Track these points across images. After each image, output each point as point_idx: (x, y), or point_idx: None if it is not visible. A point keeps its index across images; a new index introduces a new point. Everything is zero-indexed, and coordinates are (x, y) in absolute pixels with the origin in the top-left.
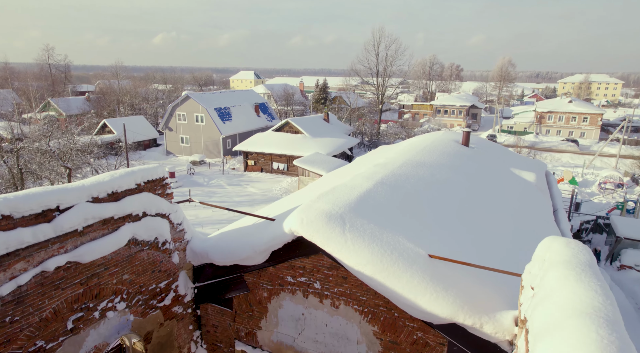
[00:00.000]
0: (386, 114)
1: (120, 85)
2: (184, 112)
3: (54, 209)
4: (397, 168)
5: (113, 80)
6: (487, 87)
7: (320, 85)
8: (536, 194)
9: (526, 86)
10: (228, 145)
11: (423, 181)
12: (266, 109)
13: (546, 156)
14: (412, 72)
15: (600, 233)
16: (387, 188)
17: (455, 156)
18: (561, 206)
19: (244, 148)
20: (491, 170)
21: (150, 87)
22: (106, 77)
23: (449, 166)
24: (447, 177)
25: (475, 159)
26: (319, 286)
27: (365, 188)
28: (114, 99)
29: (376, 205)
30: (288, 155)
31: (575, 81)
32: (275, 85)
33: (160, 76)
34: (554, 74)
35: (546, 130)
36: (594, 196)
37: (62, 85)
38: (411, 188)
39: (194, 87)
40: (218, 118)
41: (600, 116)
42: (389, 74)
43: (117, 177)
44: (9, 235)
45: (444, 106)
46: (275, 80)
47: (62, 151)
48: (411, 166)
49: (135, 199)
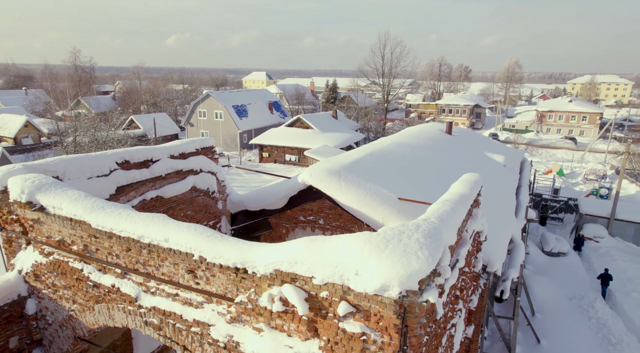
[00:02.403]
0: (394, 113)
1: (141, 85)
2: (205, 109)
3: (150, 160)
4: (385, 146)
5: (131, 80)
6: (494, 87)
7: (330, 85)
8: (503, 172)
9: (536, 87)
10: (244, 139)
11: (404, 155)
12: (279, 107)
13: (542, 152)
14: (420, 73)
15: (571, 213)
16: (374, 158)
17: (437, 140)
18: (526, 184)
19: (260, 141)
20: (466, 152)
21: (168, 87)
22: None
23: (429, 147)
24: (425, 154)
25: (454, 144)
26: (322, 222)
27: (357, 156)
28: (137, 98)
29: (363, 167)
30: (299, 148)
31: (584, 82)
32: (287, 85)
33: (177, 77)
34: (567, 75)
35: (547, 129)
36: (577, 186)
37: (87, 85)
38: (393, 159)
39: (210, 88)
40: (235, 115)
41: (600, 115)
42: (394, 74)
43: (185, 143)
44: (127, 173)
45: (448, 105)
46: (287, 81)
47: (104, 141)
48: (397, 146)
49: (196, 160)
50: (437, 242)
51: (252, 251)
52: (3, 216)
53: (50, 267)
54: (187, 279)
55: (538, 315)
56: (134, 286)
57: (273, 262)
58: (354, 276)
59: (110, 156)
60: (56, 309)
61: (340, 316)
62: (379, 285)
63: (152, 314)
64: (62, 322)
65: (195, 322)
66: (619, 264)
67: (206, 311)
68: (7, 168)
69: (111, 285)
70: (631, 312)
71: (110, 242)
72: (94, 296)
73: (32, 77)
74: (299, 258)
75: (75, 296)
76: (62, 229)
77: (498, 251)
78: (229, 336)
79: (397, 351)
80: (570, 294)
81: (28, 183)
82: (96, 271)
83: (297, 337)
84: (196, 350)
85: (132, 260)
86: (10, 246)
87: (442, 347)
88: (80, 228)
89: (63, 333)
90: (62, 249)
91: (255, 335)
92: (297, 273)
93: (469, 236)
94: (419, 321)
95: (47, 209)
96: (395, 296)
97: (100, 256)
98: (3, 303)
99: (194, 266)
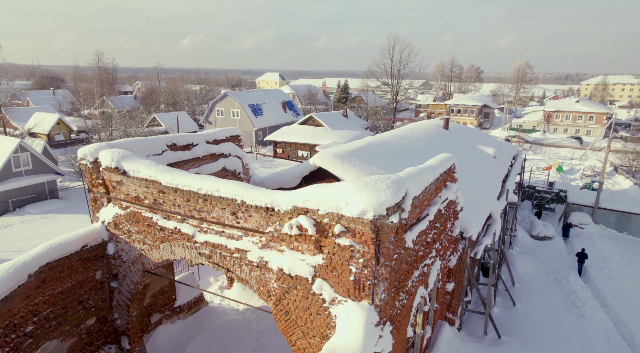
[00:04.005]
0: (404, 113)
1: (160, 85)
2: (222, 108)
3: (191, 144)
4: (385, 138)
5: (150, 81)
6: (505, 88)
7: (341, 86)
8: (492, 162)
9: (550, 87)
10: (259, 136)
11: (401, 145)
12: (292, 106)
13: (545, 150)
14: (431, 74)
15: (562, 204)
16: (374, 147)
17: (433, 134)
18: (514, 174)
19: (274, 138)
20: (460, 144)
21: (186, 87)
22: (141, 78)
23: (425, 139)
24: (420, 145)
25: (449, 137)
26: None
27: (359, 145)
28: (157, 97)
29: (364, 153)
30: (311, 144)
31: (598, 83)
32: (300, 85)
33: (194, 77)
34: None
35: (554, 128)
36: (574, 181)
37: (110, 85)
38: (391, 148)
39: (225, 88)
40: (251, 113)
41: (606, 115)
42: (403, 75)
43: (217, 131)
44: (175, 153)
45: (457, 105)
46: (299, 81)
47: (133, 136)
48: (395, 138)
49: (226, 145)
50: (400, 186)
51: (278, 195)
52: (92, 181)
53: (127, 217)
54: (231, 220)
55: (518, 285)
56: (191, 228)
57: (292, 201)
58: (345, 206)
59: (163, 139)
60: (130, 249)
61: (336, 234)
62: (360, 210)
63: (204, 247)
64: (134, 259)
65: (236, 250)
66: (598, 246)
67: (244, 242)
68: (96, 145)
69: (174, 228)
70: (600, 284)
71: (175, 195)
72: (160, 237)
73: (59, 78)
74: (309, 197)
75: (145, 239)
76: (138, 188)
77: (474, 221)
78: (260, 257)
79: (373, 257)
80: (549, 270)
81: (115, 154)
82: (162, 219)
83: (308, 254)
84: (236, 271)
85: (191, 208)
86: (95, 203)
87: (414, 277)
88: (153, 186)
89: (134, 268)
90: (137, 203)
91: (279, 255)
92: (308, 207)
93: (441, 201)
94: (388, 237)
95: (128, 173)
96: (371, 218)
97: (166, 207)
98: (91, 245)
99: (236, 209)
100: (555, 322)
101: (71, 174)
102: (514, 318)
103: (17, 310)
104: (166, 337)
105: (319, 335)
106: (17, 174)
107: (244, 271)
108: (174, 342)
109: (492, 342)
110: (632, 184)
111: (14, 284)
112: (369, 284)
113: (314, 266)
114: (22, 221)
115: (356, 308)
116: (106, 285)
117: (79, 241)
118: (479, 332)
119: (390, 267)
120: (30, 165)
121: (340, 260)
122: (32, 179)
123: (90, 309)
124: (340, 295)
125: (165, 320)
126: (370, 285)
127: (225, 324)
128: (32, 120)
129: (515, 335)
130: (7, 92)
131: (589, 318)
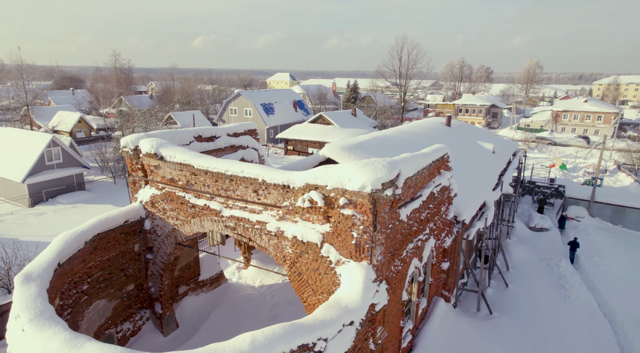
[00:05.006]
0: (413, 113)
1: (174, 85)
2: (236, 107)
3: (214, 136)
4: (388, 133)
5: (165, 81)
6: (514, 88)
7: (351, 86)
8: (490, 156)
9: (562, 87)
10: (271, 134)
11: (403, 140)
12: (302, 105)
13: (551, 149)
14: (441, 74)
15: (561, 198)
16: (378, 140)
17: (436, 130)
18: (512, 168)
19: (285, 135)
20: (461, 140)
21: (199, 87)
22: (155, 78)
23: (427, 135)
24: (422, 140)
25: (451, 134)
26: None
27: (364, 139)
28: (172, 97)
29: (369, 146)
30: (321, 141)
31: (610, 83)
32: (310, 86)
33: (207, 78)
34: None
35: (562, 128)
36: (576, 178)
37: (127, 85)
38: (393, 142)
39: (237, 88)
40: (263, 112)
41: (614, 115)
42: (411, 75)
43: (237, 125)
44: (200, 144)
45: (465, 105)
46: (310, 81)
47: None
48: (399, 133)
49: (244, 138)
50: (394, 166)
51: (293, 174)
52: (132, 166)
53: (162, 197)
54: (253, 197)
55: (512, 270)
56: (219, 204)
57: (304, 179)
58: (348, 182)
59: (190, 131)
60: (164, 225)
61: (341, 206)
62: (360, 185)
63: (229, 220)
64: (168, 233)
65: (257, 222)
66: (592, 237)
67: (264, 215)
68: (136, 135)
69: (203, 205)
70: (589, 270)
71: (205, 177)
72: (191, 213)
73: (77, 78)
74: (319, 175)
75: (178, 215)
76: (173, 171)
77: (468, 207)
78: (278, 228)
79: (371, 224)
80: (542, 257)
81: (154, 142)
82: (193, 197)
83: (318, 223)
84: (257, 240)
85: (218, 187)
86: (134, 186)
87: (409, 249)
88: (186, 169)
89: (168, 241)
90: (172, 184)
91: (293, 225)
92: (318, 184)
93: (435, 185)
94: (383, 208)
95: (165, 158)
96: (369, 191)
97: (197, 187)
98: (131, 221)
99: (258, 187)
100: (544, 301)
101: (95, 168)
102: (506, 297)
103: (77, 270)
104: (191, 307)
105: (326, 292)
106: (50, 167)
107: (264, 240)
108: (198, 311)
109: (484, 317)
110: (633, 181)
111: (75, 248)
112: (368, 247)
113: (323, 233)
114: (54, 210)
115: (357, 267)
116: (142, 256)
117: (122, 216)
118: (473, 309)
119: (385, 234)
120: (61, 159)
121: (344, 228)
122: (63, 171)
123: (130, 276)
124: (344, 257)
125: (190, 292)
126: (369, 248)
127: (243, 298)
128: (56, 118)
129: (506, 312)
130: (31, 93)
131: (575, 299)
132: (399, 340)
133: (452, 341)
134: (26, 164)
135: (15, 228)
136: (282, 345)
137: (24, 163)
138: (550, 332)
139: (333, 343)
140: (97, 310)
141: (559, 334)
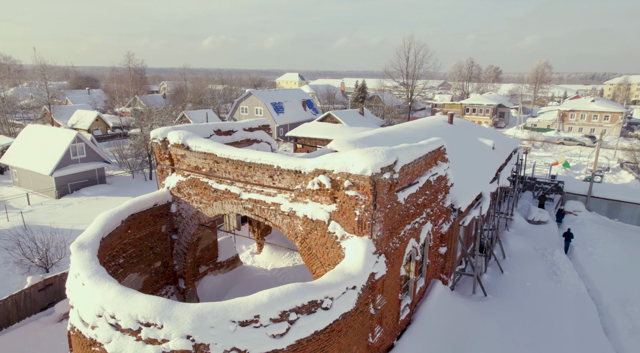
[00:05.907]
0: (421, 112)
1: (186, 85)
2: (246, 106)
3: (232, 130)
4: (392, 129)
5: (177, 80)
6: (522, 88)
7: (359, 86)
8: (490, 152)
9: (572, 87)
10: (281, 133)
11: (406, 135)
12: (311, 104)
13: (556, 148)
14: (449, 74)
15: (560, 193)
16: (382, 135)
17: (437, 127)
18: (511, 163)
19: (295, 133)
20: (462, 136)
21: (210, 87)
22: (166, 78)
23: (429, 131)
24: (424, 136)
25: (452, 130)
26: None
27: (369, 133)
28: (184, 96)
29: (373, 140)
30: (329, 139)
31: (621, 83)
32: (319, 85)
33: (218, 78)
34: (612, 75)
35: (568, 127)
36: (579, 176)
37: (140, 85)
38: (397, 137)
39: (247, 87)
40: (273, 111)
41: (621, 115)
42: (418, 75)
43: (252, 121)
44: (219, 137)
45: (472, 105)
46: (318, 81)
47: None
48: (402, 129)
49: (258, 132)
50: (392, 154)
51: (304, 161)
52: (160, 155)
53: (188, 183)
54: (269, 181)
55: (508, 258)
56: (238, 189)
57: (314, 164)
58: (351, 167)
59: (211, 126)
60: (188, 208)
61: (345, 188)
62: (362, 169)
63: (248, 202)
64: (192, 215)
65: (272, 204)
66: (587, 230)
67: (278, 197)
68: (164, 128)
69: (224, 189)
70: (582, 259)
71: (226, 164)
72: (214, 197)
73: (93, 78)
74: (327, 161)
75: (202, 199)
76: (197, 159)
77: (464, 196)
78: (290, 208)
79: (371, 203)
80: (538, 247)
81: (181, 134)
82: (216, 183)
83: (325, 203)
84: (272, 219)
85: (238, 173)
86: (162, 173)
87: (407, 229)
88: (210, 157)
89: (192, 222)
90: (196, 171)
91: (303, 205)
92: (326, 169)
93: (431, 174)
94: (382, 190)
95: (191, 148)
96: (370, 175)
97: (219, 174)
98: (160, 205)
99: (273, 173)
100: (535, 285)
101: (114, 164)
102: (500, 282)
103: (115, 245)
104: (210, 285)
105: (333, 264)
106: (74, 161)
107: (278, 220)
108: (217, 289)
109: (479, 298)
110: (634, 178)
111: (113, 226)
112: (369, 223)
113: (329, 212)
114: (79, 201)
115: (359, 240)
116: (169, 237)
117: (152, 200)
118: (469, 292)
119: (384, 213)
120: (84, 154)
121: (348, 207)
122: (86, 166)
123: (158, 254)
124: (348, 232)
125: (209, 272)
126: (370, 224)
127: (256, 278)
128: (75, 117)
129: (499, 295)
130: (51, 92)
131: (565, 284)
132: (398, 311)
133: (448, 318)
134: (54, 159)
135: (46, 217)
136: (295, 300)
137: (52, 157)
138: (539, 311)
139: (338, 302)
140: (130, 281)
141: (547, 314)
